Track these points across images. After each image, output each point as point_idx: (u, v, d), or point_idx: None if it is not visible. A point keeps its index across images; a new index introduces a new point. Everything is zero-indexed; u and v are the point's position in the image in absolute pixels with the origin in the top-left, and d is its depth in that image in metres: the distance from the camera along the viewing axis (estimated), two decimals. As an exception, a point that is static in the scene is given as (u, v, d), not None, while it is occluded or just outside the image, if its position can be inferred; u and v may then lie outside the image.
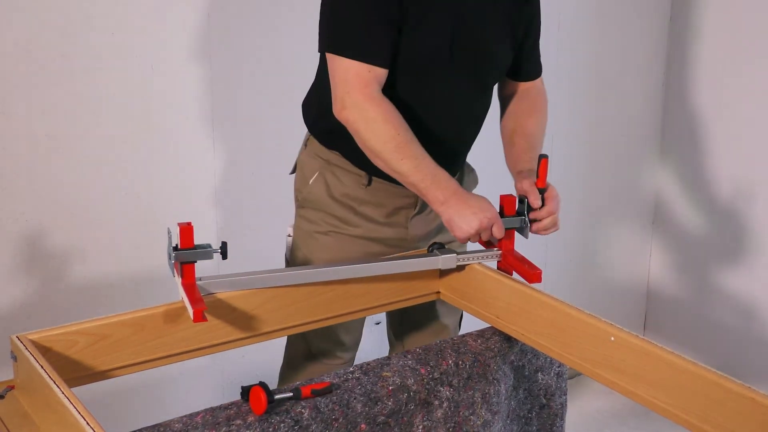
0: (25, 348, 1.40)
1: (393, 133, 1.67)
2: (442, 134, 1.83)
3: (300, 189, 1.91)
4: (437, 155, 1.78)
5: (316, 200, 1.86)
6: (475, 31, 1.77)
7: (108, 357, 1.51)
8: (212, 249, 1.55)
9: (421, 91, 1.77)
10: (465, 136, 1.92)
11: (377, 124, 1.67)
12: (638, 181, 3.43)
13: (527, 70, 1.97)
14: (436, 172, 1.69)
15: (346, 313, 1.77)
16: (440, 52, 1.74)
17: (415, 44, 1.71)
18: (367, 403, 1.53)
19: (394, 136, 1.67)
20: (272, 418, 1.44)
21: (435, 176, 1.69)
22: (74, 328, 1.48)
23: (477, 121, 1.92)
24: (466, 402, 1.67)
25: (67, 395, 1.27)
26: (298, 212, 1.93)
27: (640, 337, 1.51)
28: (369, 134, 1.68)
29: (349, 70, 1.68)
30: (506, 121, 1.96)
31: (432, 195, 1.69)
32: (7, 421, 1.39)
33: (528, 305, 1.68)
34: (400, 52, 1.71)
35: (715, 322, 3.31)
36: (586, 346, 1.58)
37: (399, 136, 1.67)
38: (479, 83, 1.86)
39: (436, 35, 1.73)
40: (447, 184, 1.69)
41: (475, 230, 1.68)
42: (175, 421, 1.42)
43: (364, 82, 1.67)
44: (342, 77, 1.69)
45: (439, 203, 1.69)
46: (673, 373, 1.43)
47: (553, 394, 1.83)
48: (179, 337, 1.58)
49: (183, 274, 1.54)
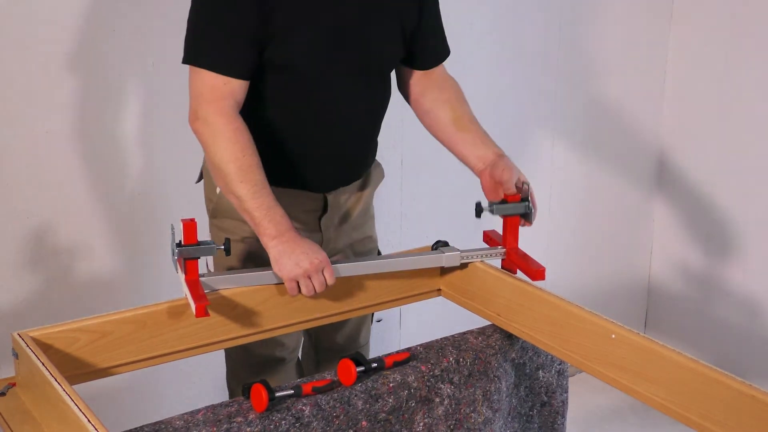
0: (26, 345, 1.40)
1: (238, 154, 1.62)
2: (339, 136, 1.79)
3: (210, 198, 1.86)
4: (338, 158, 1.77)
5: (227, 209, 1.79)
6: (356, 30, 1.72)
7: (109, 354, 1.51)
8: (215, 245, 1.55)
9: (306, 97, 1.73)
10: (363, 133, 1.86)
11: (224, 142, 1.62)
12: (639, 179, 3.43)
13: (428, 57, 1.89)
14: (273, 205, 1.63)
15: (348, 311, 1.78)
16: (319, 57, 1.70)
17: (292, 52, 1.68)
18: (368, 401, 1.54)
19: (238, 157, 1.62)
20: (273, 416, 1.44)
21: (271, 208, 1.62)
22: (76, 326, 1.49)
23: (373, 115, 1.86)
24: (467, 399, 1.67)
25: (68, 392, 1.27)
26: (211, 222, 1.87)
27: (641, 334, 1.51)
28: (214, 150, 1.63)
29: (205, 81, 1.64)
30: (439, 112, 1.88)
31: (264, 227, 1.61)
32: (9, 418, 1.39)
33: (529, 303, 1.68)
34: (278, 63, 1.68)
35: (716, 319, 3.31)
36: (587, 344, 1.58)
37: (243, 158, 1.62)
38: (367, 81, 1.80)
39: (312, 41, 1.68)
40: (281, 220, 1.62)
41: (303, 270, 1.59)
42: (177, 418, 1.42)
43: (218, 95, 1.64)
44: (197, 89, 1.65)
45: (269, 237, 1.61)
46: (673, 370, 1.43)
47: (554, 392, 1.83)
48: (181, 334, 1.58)
49: (186, 270, 1.55)
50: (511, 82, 2.93)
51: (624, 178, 3.38)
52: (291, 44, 1.67)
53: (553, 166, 3.13)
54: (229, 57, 1.64)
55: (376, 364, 1.58)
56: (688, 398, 1.41)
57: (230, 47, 1.64)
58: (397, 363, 1.61)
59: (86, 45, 2.09)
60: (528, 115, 3.01)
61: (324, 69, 1.72)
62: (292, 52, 1.68)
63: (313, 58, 1.70)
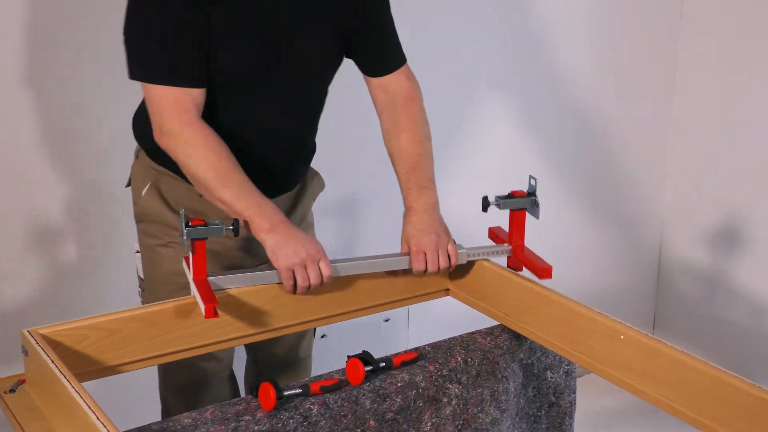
0: (35, 342, 1.40)
1: (214, 160, 1.59)
2: (270, 146, 1.76)
3: (136, 202, 1.82)
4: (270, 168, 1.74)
5: (152, 212, 1.77)
6: (291, 40, 1.69)
7: (118, 352, 1.51)
8: (223, 225, 1.54)
9: (241, 106, 1.71)
10: (295, 143, 1.83)
11: (197, 151, 1.59)
12: (647, 179, 3.42)
13: (377, 65, 1.84)
14: (261, 201, 1.61)
15: (356, 310, 1.77)
16: (253, 65, 1.67)
17: (226, 59, 1.64)
18: (376, 400, 1.54)
19: (214, 164, 1.59)
20: (281, 414, 1.44)
21: (260, 205, 1.60)
22: (85, 323, 1.49)
23: (305, 124, 1.83)
24: (475, 399, 1.67)
25: (77, 389, 1.27)
26: (138, 227, 1.84)
27: (650, 335, 1.51)
28: (188, 162, 1.60)
29: (164, 96, 1.60)
30: (385, 141, 1.84)
31: (257, 223, 1.59)
32: (18, 414, 1.40)
33: (537, 303, 1.68)
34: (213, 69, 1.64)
35: (725, 320, 3.30)
36: (595, 344, 1.58)
37: (220, 163, 1.59)
38: (300, 90, 1.77)
39: (247, 48, 1.65)
40: (272, 213, 1.61)
41: (301, 259, 1.57)
42: (185, 416, 1.43)
43: (181, 107, 1.60)
44: (158, 105, 1.61)
45: (263, 231, 1.58)
46: (682, 371, 1.43)
47: (562, 393, 1.83)
48: (189, 332, 1.58)
49: (194, 269, 1.55)
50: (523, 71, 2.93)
51: (632, 176, 3.38)
52: (224, 50, 1.63)
53: (561, 164, 3.12)
54: (183, 67, 1.60)
55: (384, 363, 1.58)
56: (697, 400, 1.41)
57: (181, 57, 1.60)
58: (405, 363, 1.61)
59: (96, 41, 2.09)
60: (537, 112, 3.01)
61: (255, 77, 1.69)
62: (223, 58, 1.64)
63: (245, 65, 1.67)
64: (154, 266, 1.79)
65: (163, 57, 1.60)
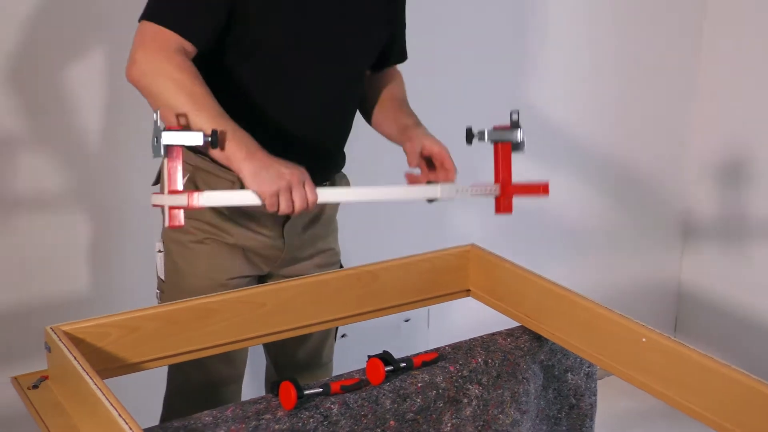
0: (58, 339, 1.41)
1: (188, 84, 1.48)
2: (312, 133, 1.73)
3: None
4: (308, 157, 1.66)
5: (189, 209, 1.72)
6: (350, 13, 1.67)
7: (139, 349, 1.52)
8: (201, 133, 1.45)
9: (279, 89, 1.67)
10: (336, 131, 1.81)
11: (170, 75, 1.48)
12: (670, 179, 3.40)
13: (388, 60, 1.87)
14: (236, 129, 1.49)
15: (376, 310, 1.77)
16: (299, 43, 1.63)
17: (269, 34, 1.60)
18: (396, 400, 1.54)
19: (188, 87, 1.48)
20: (301, 413, 1.44)
21: (236, 131, 1.49)
22: (107, 321, 1.50)
23: (348, 112, 1.81)
24: (495, 400, 1.66)
25: (99, 386, 1.28)
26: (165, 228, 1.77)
27: (672, 338, 1.50)
28: (157, 88, 1.49)
29: (153, 30, 1.52)
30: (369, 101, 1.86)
31: (231, 150, 1.47)
32: (41, 410, 1.41)
33: (558, 304, 1.68)
34: (252, 44, 1.61)
35: (748, 324, 3.27)
36: (616, 347, 1.57)
37: (195, 88, 1.49)
38: (345, 76, 1.75)
39: (294, 23, 1.62)
40: (250, 142, 1.50)
41: (286, 182, 1.47)
42: (206, 414, 1.43)
43: (167, 44, 1.51)
44: (141, 36, 1.52)
45: (240, 159, 1.47)
46: (706, 375, 1.42)
47: (583, 395, 1.82)
48: (209, 331, 1.58)
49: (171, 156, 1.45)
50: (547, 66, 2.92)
51: (655, 176, 3.36)
52: (270, 24, 1.60)
53: (582, 161, 3.11)
54: (190, 20, 1.54)
55: (405, 363, 1.58)
56: (721, 404, 1.40)
57: (196, 13, 1.55)
58: (426, 363, 1.61)
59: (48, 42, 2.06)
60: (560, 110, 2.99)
61: (302, 57, 1.65)
62: (269, 33, 1.60)
63: (293, 42, 1.63)
64: (187, 262, 1.75)
65: (177, 5, 1.55)
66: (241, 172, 1.49)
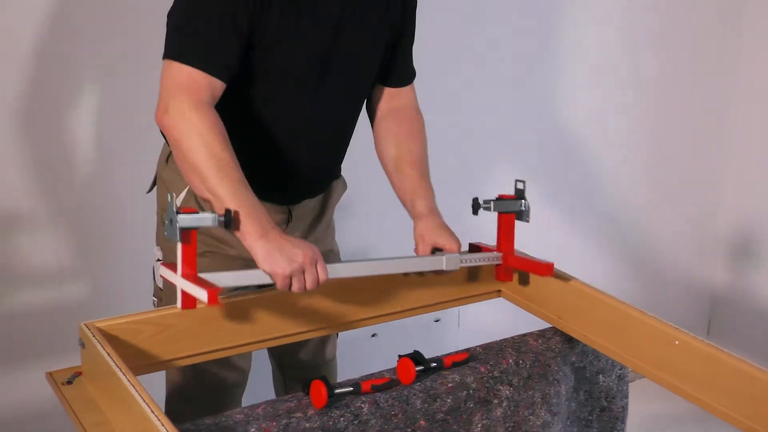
0: (92, 335, 1.43)
1: (218, 149, 1.49)
2: (314, 148, 1.73)
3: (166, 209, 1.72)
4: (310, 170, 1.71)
5: None
6: (350, 39, 1.66)
7: (172, 346, 1.53)
8: (216, 215, 1.45)
9: (287, 107, 1.66)
10: (337, 146, 1.81)
11: (201, 136, 1.49)
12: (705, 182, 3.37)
13: (399, 76, 1.84)
14: (255, 204, 1.50)
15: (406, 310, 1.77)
16: (312, 64, 1.63)
17: (282, 56, 1.60)
18: (426, 400, 1.54)
19: (217, 153, 1.48)
20: (332, 412, 1.45)
21: (254, 208, 1.49)
22: (140, 318, 1.51)
23: (349, 126, 1.80)
24: (526, 402, 1.66)
25: (132, 383, 1.29)
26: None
27: (706, 341, 1.48)
28: (188, 146, 1.49)
29: (182, 73, 1.51)
30: (386, 146, 1.82)
31: (248, 227, 1.47)
32: (75, 405, 1.42)
33: (590, 306, 1.67)
34: (263, 67, 1.60)
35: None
36: (648, 349, 1.56)
37: (223, 154, 1.49)
38: (350, 94, 1.75)
39: (307, 47, 1.61)
40: (266, 219, 1.50)
41: (299, 265, 1.47)
42: (237, 412, 1.44)
43: (195, 87, 1.50)
44: (171, 80, 1.52)
45: (254, 237, 1.47)
46: (740, 379, 1.40)
47: (614, 397, 1.81)
48: (241, 329, 1.59)
49: (186, 241, 1.45)
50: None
51: (690, 181, 3.33)
52: (283, 48, 1.59)
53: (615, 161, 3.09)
54: (215, 56, 1.53)
55: (435, 364, 1.58)
56: (755, 408, 1.38)
57: (217, 46, 1.53)
58: (456, 363, 1.61)
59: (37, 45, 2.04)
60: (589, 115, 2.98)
61: (313, 78, 1.65)
62: (282, 56, 1.60)
63: (305, 64, 1.63)
64: None
65: (199, 42, 1.54)
66: (253, 250, 1.49)
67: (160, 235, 1.80)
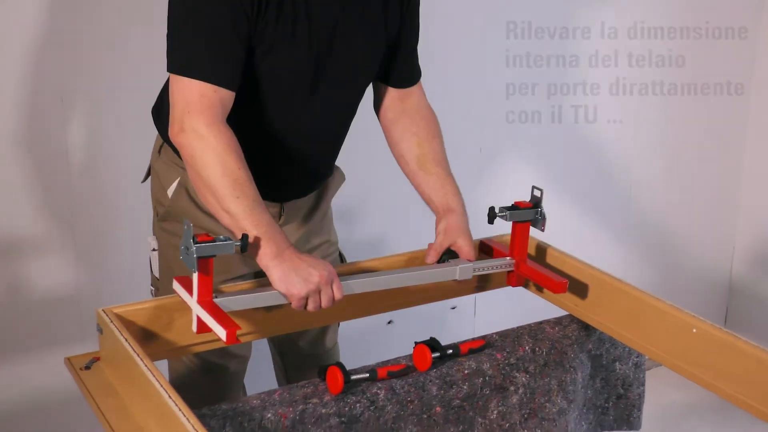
0: (110, 321, 1.44)
1: (233, 167, 1.48)
2: (308, 149, 1.72)
3: (160, 201, 1.76)
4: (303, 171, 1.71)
5: (180, 213, 1.71)
6: (348, 40, 1.64)
7: (189, 332, 1.53)
8: (232, 241, 1.43)
9: (284, 109, 1.65)
10: (331, 147, 1.80)
11: (216, 154, 1.48)
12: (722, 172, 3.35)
13: (406, 75, 1.82)
14: (270, 223, 1.49)
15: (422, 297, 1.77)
16: (309, 66, 1.62)
17: (280, 60, 1.59)
18: (443, 386, 1.54)
19: (233, 171, 1.48)
20: (348, 398, 1.45)
21: (270, 226, 1.49)
22: (157, 303, 1.52)
23: (344, 127, 1.79)
24: (542, 389, 1.66)
25: (150, 368, 1.30)
26: (159, 225, 1.77)
27: (724, 329, 1.47)
28: (204, 163, 1.49)
29: (193, 89, 1.51)
30: (407, 145, 1.79)
31: (263, 247, 1.47)
32: (93, 390, 1.43)
33: (607, 294, 1.66)
34: (263, 70, 1.59)
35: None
36: (666, 337, 1.55)
37: (238, 172, 1.49)
38: (346, 94, 1.74)
39: (303, 50, 1.60)
40: (281, 238, 1.50)
41: (315, 286, 1.46)
42: (254, 398, 1.45)
43: (207, 103, 1.50)
44: (183, 97, 1.51)
45: (270, 257, 1.46)
46: (758, 367, 1.40)
47: (631, 385, 1.81)
48: (259, 317, 1.60)
49: (202, 269, 1.44)
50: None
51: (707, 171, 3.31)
52: (279, 51, 1.58)
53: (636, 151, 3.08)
54: (220, 66, 1.53)
55: (452, 350, 1.58)
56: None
57: (220, 55, 1.53)
58: (473, 350, 1.61)
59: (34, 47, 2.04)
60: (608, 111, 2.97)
61: (310, 80, 1.64)
62: (278, 59, 1.59)
63: (301, 67, 1.62)
64: (183, 268, 1.62)
65: (202, 52, 1.53)
66: (268, 270, 1.48)
67: (155, 225, 1.80)
